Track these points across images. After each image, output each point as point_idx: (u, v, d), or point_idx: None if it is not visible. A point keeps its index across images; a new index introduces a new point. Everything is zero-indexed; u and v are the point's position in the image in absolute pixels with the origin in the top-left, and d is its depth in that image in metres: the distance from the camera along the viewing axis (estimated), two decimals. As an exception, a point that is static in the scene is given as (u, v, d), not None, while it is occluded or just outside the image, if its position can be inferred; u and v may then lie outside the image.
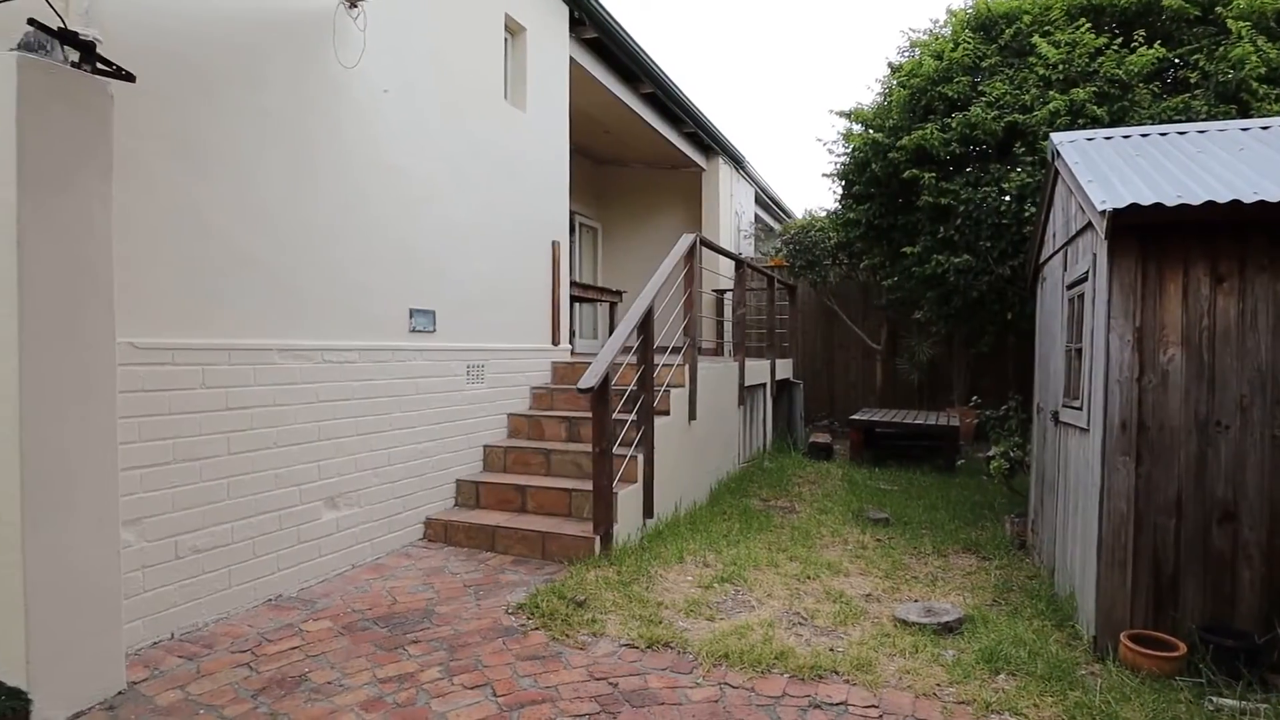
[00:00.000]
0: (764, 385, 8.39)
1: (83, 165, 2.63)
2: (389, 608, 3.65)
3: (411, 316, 4.60)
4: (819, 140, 8.81)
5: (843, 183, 8.66)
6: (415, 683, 2.90)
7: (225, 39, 3.46)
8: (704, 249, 6.60)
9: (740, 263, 7.39)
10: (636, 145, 10.32)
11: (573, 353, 6.70)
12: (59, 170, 2.55)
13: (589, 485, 4.72)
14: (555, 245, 6.30)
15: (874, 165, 7.77)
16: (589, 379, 4.09)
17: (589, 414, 5.45)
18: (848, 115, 8.44)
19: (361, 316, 4.24)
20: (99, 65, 2.69)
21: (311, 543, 3.89)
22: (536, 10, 6.07)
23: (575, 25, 6.73)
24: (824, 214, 10.40)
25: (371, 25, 4.21)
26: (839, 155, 8.65)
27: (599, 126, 9.20)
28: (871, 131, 7.94)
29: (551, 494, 4.76)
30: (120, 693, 2.76)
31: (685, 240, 5.69)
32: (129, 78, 2.78)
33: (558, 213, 6.43)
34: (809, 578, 4.24)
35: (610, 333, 8.52)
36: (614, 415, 4.48)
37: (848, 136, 8.35)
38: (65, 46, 2.62)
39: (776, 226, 14.18)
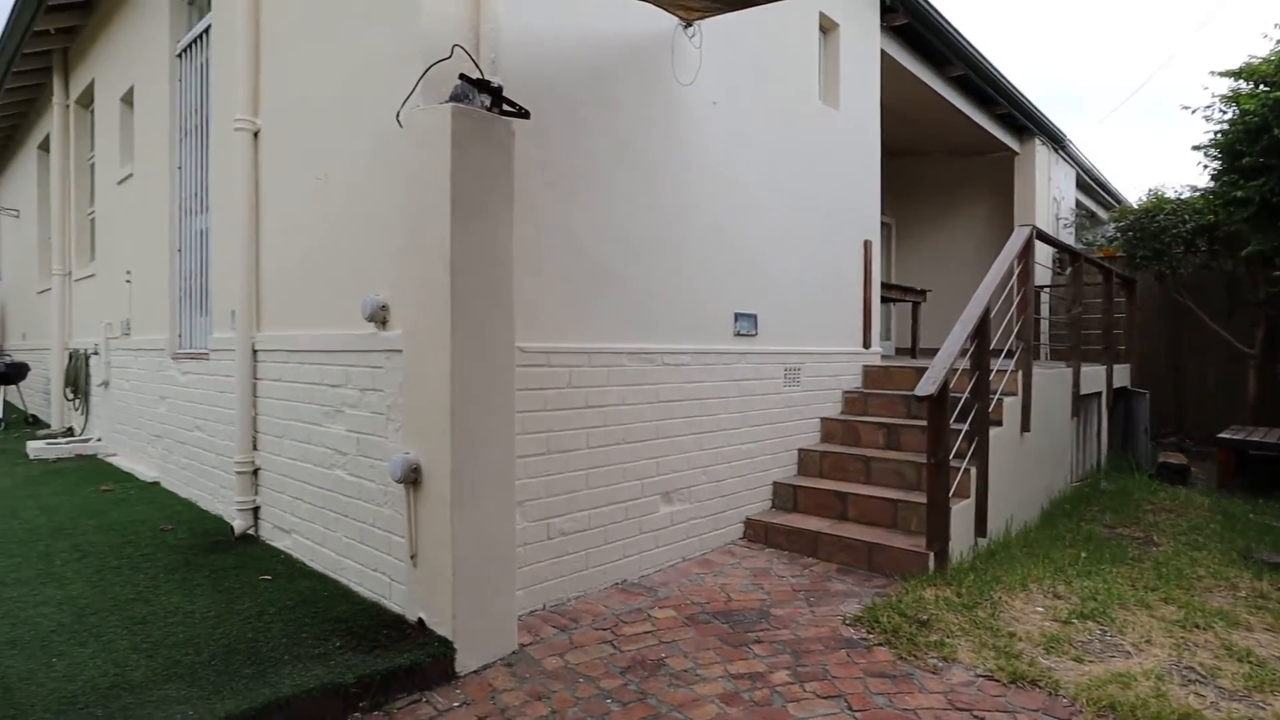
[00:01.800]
0: (1099, 395, 7.35)
1: (493, 194, 3.05)
2: (725, 604, 3.76)
3: (736, 320, 4.73)
4: (1185, 108, 7.39)
5: (1223, 155, 7.25)
6: (767, 683, 2.94)
7: (586, 71, 3.82)
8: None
9: (1075, 255, 6.54)
10: (938, 133, 9.65)
11: (882, 355, 6.42)
12: (477, 200, 2.98)
13: (914, 496, 4.48)
14: (866, 245, 6.09)
15: (1277, 129, 6.35)
16: (927, 386, 3.86)
17: (909, 421, 5.19)
18: (1235, 74, 7.02)
19: (693, 321, 4.44)
20: (504, 107, 3.11)
21: (650, 534, 4.15)
22: (849, 4, 5.91)
23: (885, 13, 6.45)
24: (1175, 195, 8.85)
25: (704, 41, 4.39)
26: (1219, 123, 7.25)
27: (898, 117, 8.73)
28: (1272, 90, 6.51)
29: (874, 503, 4.58)
30: (514, 652, 3.16)
31: (1020, 234, 5.15)
32: (525, 115, 3.17)
33: (869, 211, 6.21)
34: (1196, 626, 3.59)
35: (912, 334, 8.06)
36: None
37: (1235, 98, 6.94)
38: (481, 94, 3.05)
39: (1102, 213, 12.38)
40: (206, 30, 5.23)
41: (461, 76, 2.97)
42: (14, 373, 9.66)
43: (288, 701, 2.50)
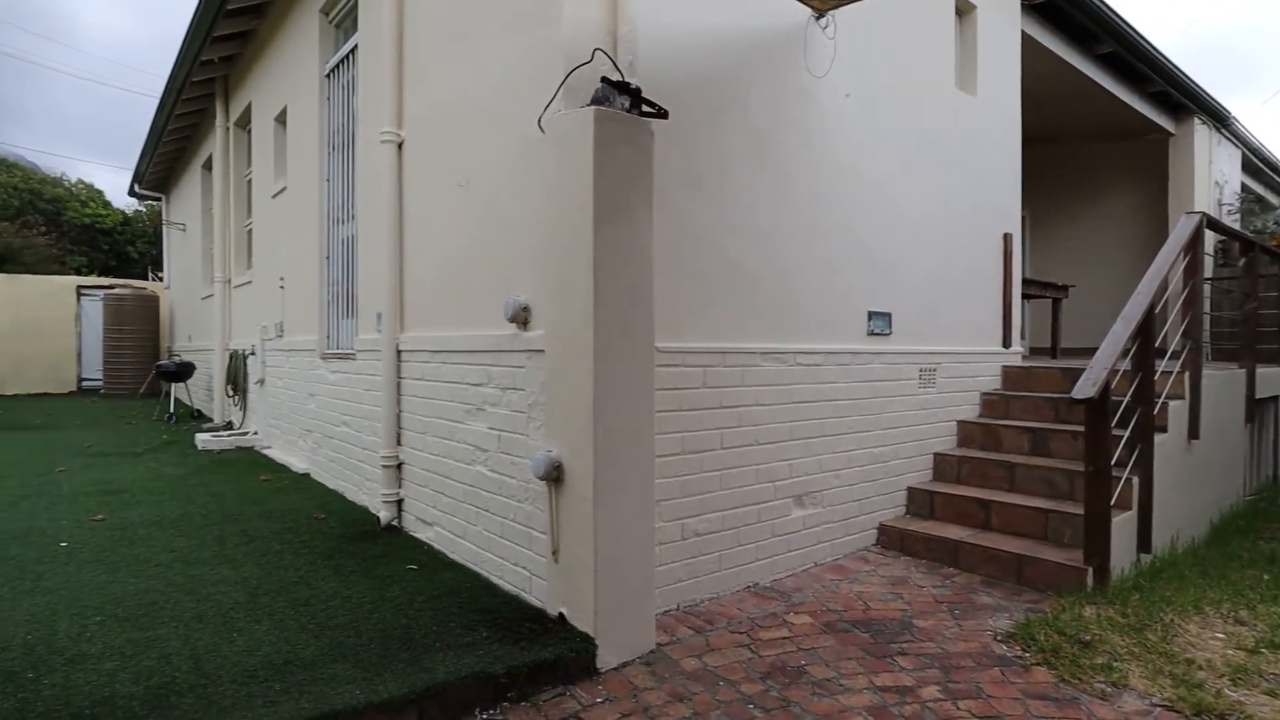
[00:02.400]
0: (1277, 399, 6.63)
1: (633, 195, 3.06)
2: (863, 613, 3.63)
3: (869, 319, 4.56)
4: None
5: None
6: (916, 699, 2.81)
7: (720, 68, 3.78)
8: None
9: (1249, 244, 5.93)
10: (1080, 116, 9.01)
11: (1023, 355, 6.04)
12: (618, 200, 3.00)
13: (1066, 506, 4.19)
14: (1006, 238, 5.74)
15: None
16: (1086, 388, 3.58)
17: (1057, 425, 4.86)
18: None
19: (826, 320, 4.32)
20: (644, 108, 3.12)
21: (781, 537, 4.07)
22: (987, -17, 5.61)
23: (1026, -8, 6.08)
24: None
25: (836, 31, 4.26)
26: None
27: (1033, 100, 8.17)
28: None
29: (1021, 512, 4.30)
30: (651, 651, 3.16)
31: (1188, 223, 4.71)
32: (664, 115, 3.17)
33: (1009, 203, 5.85)
34: None
35: (1052, 333, 7.54)
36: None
37: None
38: (621, 95, 3.08)
39: (1273, 198, 11.18)
40: (352, 50, 5.56)
41: (602, 79, 3.00)
42: (183, 371, 10.67)
43: (444, 687, 2.60)
